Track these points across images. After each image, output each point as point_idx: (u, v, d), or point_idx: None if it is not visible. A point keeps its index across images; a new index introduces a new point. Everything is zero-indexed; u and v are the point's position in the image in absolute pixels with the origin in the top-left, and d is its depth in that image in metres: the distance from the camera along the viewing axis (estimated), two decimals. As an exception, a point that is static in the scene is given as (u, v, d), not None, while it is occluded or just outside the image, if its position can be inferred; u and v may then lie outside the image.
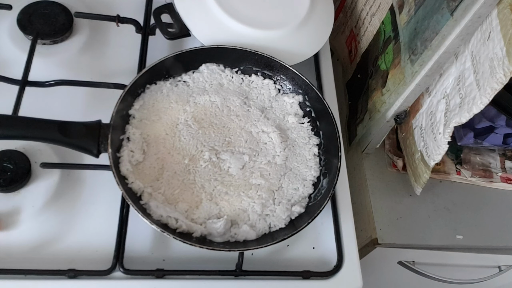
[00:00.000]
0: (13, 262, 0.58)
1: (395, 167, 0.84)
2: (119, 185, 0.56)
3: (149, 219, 0.55)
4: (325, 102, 0.68)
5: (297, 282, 0.63)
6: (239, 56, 0.71)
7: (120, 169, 0.59)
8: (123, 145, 0.61)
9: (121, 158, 0.60)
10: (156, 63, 0.66)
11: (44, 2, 0.75)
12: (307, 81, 0.70)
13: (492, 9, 0.53)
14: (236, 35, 0.71)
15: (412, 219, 0.80)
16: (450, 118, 0.62)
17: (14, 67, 0.68)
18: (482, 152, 0.88)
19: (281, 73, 0.72)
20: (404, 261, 0.89)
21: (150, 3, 0.80)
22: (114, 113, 0.60)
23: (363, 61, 0.84)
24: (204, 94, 0.68)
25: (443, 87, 0.65)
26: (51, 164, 0.63)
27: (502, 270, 0.93)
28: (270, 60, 0.71)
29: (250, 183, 0.63)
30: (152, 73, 0.66)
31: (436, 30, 0.59)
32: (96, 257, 0.60)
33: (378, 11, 0.77)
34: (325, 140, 0.69)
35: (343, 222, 0.69)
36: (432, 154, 0.67)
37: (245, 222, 0.61)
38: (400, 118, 0.73)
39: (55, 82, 0.68)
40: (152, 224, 0.55)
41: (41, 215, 0.62)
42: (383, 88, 0.74)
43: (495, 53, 0.53)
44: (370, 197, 0.81)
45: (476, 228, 0.81)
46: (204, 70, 0.71)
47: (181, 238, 0.56)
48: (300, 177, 0.66)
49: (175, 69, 0.69)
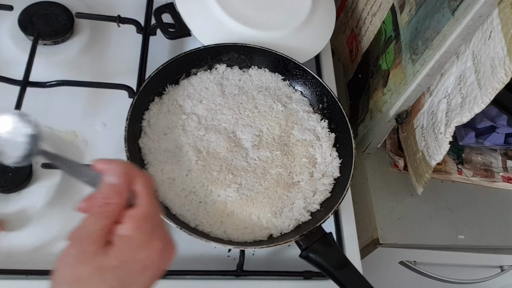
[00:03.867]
0: (15, 262, 0.58)
1: (397, 167, 0.84)
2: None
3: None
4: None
5: (298, 282, 0.63)
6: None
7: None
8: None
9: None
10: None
11: (45, 2, 0.75)
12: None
13: (493, 8, 0.53)
14: (236, 35, 0.71)
15: (414, 219, 0.80)
16: (451, 118, 0.62)
17: (15, 67, 0.68)
18: (483, 151, 0.88)
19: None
20: (405, 261, 0.89)
21: (151, 3, 0.80)
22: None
23: (364, 61, 0.84)
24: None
25: (444, 86, 0.65)
26: (52, 165, 0.63)
27: (504, 270, 0.93)
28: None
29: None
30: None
31: (437, 29, 0.59)
32: (97, 257, 0.60)
33: (379, 11, 0.77)
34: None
35: (344, 222, 0.69)
36: (434, 153, 0.67)
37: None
38: (401, 118, 0.73)
39: (56, 83, 0.68)
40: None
41: (42, 216, 0.62)
42: (384, 88, 0.74)
43: (496, 53, 0.53)
44: (372, 197, 0.81)
45: (478, 228, 0.81)
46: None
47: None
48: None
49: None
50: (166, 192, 0.61)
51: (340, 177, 0.67)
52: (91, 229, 0.33)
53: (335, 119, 0.71)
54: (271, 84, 0.73)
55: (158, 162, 0.62)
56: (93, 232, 0.33)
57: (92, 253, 0.33)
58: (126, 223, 0.34)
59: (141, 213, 0.35)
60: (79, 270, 0.32)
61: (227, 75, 0.72)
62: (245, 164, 0.65)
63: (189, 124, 0.66)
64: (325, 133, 0.71)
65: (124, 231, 0.34)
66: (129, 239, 0.34)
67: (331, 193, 0.66)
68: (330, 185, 0.66)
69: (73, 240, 0.34)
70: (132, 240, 0.34)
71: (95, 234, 0.33)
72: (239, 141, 0.66)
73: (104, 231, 0.34)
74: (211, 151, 0.64)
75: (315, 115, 0.72)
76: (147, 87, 0.64)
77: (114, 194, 0.35)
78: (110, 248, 0.33)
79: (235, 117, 0.68)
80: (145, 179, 0.37)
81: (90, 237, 0.33)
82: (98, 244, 0.33)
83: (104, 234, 0.34)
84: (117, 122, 0.65)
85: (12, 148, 0.42)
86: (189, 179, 0.62)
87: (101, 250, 0.33)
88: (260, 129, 0.68)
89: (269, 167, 0.65)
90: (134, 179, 0.36)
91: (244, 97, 0.70)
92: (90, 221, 0.34)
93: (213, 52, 0.71)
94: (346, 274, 0.56)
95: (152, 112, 0.66)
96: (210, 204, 0.61)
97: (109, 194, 0.35)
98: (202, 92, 0.69)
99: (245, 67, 0.74)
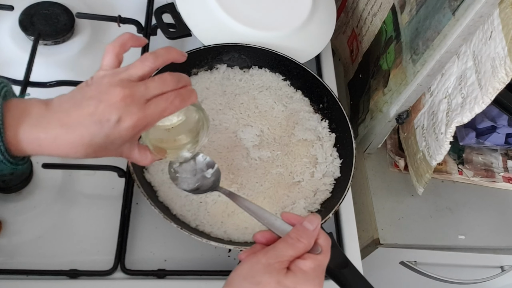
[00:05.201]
0: (15, 262, 0.58)
1: (397, 167, 0.84)
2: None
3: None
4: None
5: (299, 282, 0.63)
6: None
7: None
8: None
9: None
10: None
11: (45, 3, 0.75)
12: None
13: (494, 8, 0.53)
14: (237, 35, 0.71)
15: (414, 219, 0.80)
16: (452, 118, 0.62)
17: (16, 67, 0.69)
18: (484, 152, 0.88)
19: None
20: (406, 261, 0.89)
21: (152, 3, 0.80)
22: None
23: (364, 61, 0.84)
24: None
25: (444, 86, 0.64)
26: (53, 165, 0.63)
27: (504, 270, 0.93)
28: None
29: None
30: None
31: (437, 29, 0.59)
32: (98, 257, 0.60)
33: (380, 11, 0.77)
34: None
35: (345, 222, 0.69)
36: (434, 154, 0.67)
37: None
38: (401, 118, 0.73)
39: (56, 83, 0.68)
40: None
41: (43, 216, 0.62)
42: (384, 88, 0.74)
43: (497, 53, 0.53)
44: (372, 197, 0.81)
45: (478, 228, 0.81)
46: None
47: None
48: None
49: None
50: (167, 192, 0.61)
51: (341, 177, 0.67)
52: (282, 253, 0.42)
53: (336, 119, 0.71)
54: (271, 84, 0.73)
55: (159, 162, 0.62)
56: (283, 256, 0.42)
57: (276, 270, 0.41)
58: (306, 260, 0.42)
59: (321, 259, 0.43)
60: (263, 277, 0.40)
61: (227, 75, 0.72)
62: (246, 164, 0.65)
63: None
64: (326, 133, 0.71)
65: (303, 265, 0.42)
66: (305, 274, 0.41)
67: (331, 193, 0.66)
68: (331, 185, 0.66)
69: (264, 254, 0.42)
70: (307, 275, 0.41)
71: (284, 257, 0.42)
72: (240, 141, 0.66)
73: (290, 258, 0.42)
74: (212, 151, 0.64)
75: (315, 115, 0.72)
76: None
77: (307, 236, 0.43)
78: (290, 273, 0.41)
79: (236, 117, 0.68)
80: (327, 237, 0.46)
81: (280, 257, 0.42)
82: (283, 265, 0.41)
83: (289, 261, 0.42)
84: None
85: (189, 180, 0.53)
86: None
87: (283, 271, 0.41)
88: (260, 129, 0.68)
89: (270, 167, 0.65)
90: (319, 234, 0.45)
91: (244, 97, 0.70)
92: (283, 247, 0.42)
93: (214, 52, 0.71)
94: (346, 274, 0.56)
95: None
96: (211, 204, 0.61)
97: (304, 235, 0.43)
98: (203, 92, 0.69)
99: (245, 67, 0.74)
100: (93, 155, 0.43)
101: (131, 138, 0.43)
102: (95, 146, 0.42)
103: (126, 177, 0.64)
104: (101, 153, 0.43)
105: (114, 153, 0.45)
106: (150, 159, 0.49)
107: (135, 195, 0.64)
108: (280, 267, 0.41)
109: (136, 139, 0.47)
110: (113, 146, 0.43)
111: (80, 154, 0.42)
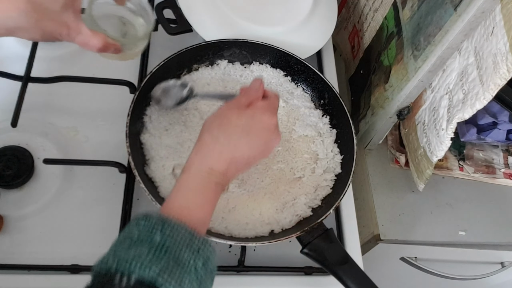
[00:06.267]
0: (16, 257, 0.58)
1: (398, 163, 0.84)
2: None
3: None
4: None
5: (299, 277, 0.63)
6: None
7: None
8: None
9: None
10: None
11: None
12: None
13: (496, 4, 0.52)
14: (238, 31, 0.71)
15: (415, 215, 0.80)
16: (453, 114, 0.62)
17: (16, 63, 0.68)
18: (485, 148, 0.88)
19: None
20: (406, 257, 0.89)
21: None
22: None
23: (366, 56, 0.84)
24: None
25: (446, 82, 0.64)
26: (54, 160, 0.63)
27: (505, 266, 0.93)
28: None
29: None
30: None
31: (439, 25, 0.59)
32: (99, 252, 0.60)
33: (381, 7, 0.76)
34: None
35: (345, 218, 0.69)
36: (435, 150, 0.67)
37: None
38: (402, 114, 0.73)
39: (57, 78, 0.68)
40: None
41: (44, 211, 0.62)
42: (386, 84, 0.74)
43: (499, 49, 0.52)
44: (373, 193, 0.81)
45: (479, 224, 0.81)
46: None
47: None
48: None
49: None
50: (168, 188, 0.61)
51: (342, 173, 0.67)
52: (238, 100, 0.54)
53: (337, 115, 0.71)
54: (272, 80, 0.73)
55: (160, 158, 0.62)
56: (240, 101, 0.54)
57: (237, 107, 0.53)
58: (259, 101, 0.55)
59: (271, 101, 0.56)
60: (227, 113, 0.53)
61: (228, 71, 0.72)
62: None
63: (191, 120, 0.66)
64: (327, 129, 0.70)
65: (258, 103, 0.54)
66: (259, 107, 0.53)
67: (332, 189, 0.66)
68: (332, 181, 0.66)
69: (227, 104, 0.54)
70: (261, 108, 0.53)
71: (241, 102, 0.54)
72: None
73: (245, 103, 0.54)
74: None
75: (316, 111, 0.72)
76: (149, 82, 0.64)
77: (254, 88, 0.56)
78: (248, 108, 0.53)
79: None
80: (274, 92, 0.58)
81: (237, 102, 0.54)
82: (242, 106, 0.53)
83: (245, 105, 0.54)
84: (119, 117, 0.65)
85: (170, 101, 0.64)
86: None
87: (243, 107, 0.53)
88: None
89: (271, 163, 0.65)
90: (266, 91, 0.57)
91: None
92: (239, 97, 0.55)
93: (215, 47, 0.71)
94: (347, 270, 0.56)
95: (153, 108, 0.65)
96: (212, 200, 0.61)
97: (252, 88, 0.56)
98: (204, 88, 0.69)
99: (246, 63, 0.74)
100: (36, 17, 0.45)
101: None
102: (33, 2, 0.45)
103: (127, 173, 0.64)
104: (43, 16, 0.46)
105: (58, 21, 0.48)
106: (102, 39, 0.51)
107: (136, 191, 0.64)
108: (239, 106, 0.53)
109: (78, 9, 0.49)
110: (54, 6, 0.46)
111: (21, 12, 0.44)
